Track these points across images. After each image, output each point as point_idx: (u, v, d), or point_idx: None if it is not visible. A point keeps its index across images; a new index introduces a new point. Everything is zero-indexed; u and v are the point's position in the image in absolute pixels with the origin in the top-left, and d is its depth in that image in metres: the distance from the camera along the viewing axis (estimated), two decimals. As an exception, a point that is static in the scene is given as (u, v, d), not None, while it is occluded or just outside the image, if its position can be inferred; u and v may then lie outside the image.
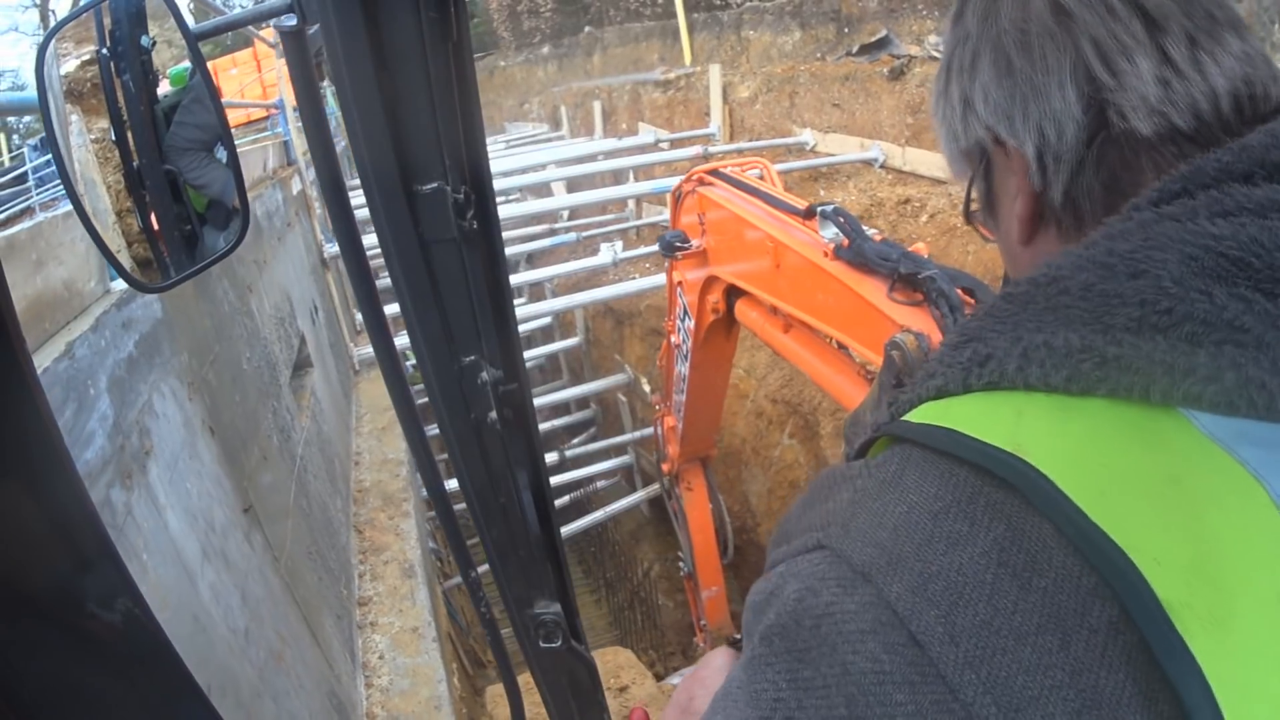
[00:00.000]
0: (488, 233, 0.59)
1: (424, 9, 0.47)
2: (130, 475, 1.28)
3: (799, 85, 6.59)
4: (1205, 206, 0.39)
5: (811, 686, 0.34)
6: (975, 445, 0.36)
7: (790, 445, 5.24)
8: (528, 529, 0.76)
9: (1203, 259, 0.37)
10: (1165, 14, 0.46)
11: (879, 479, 0.38)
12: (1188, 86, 0.45)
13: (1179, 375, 0.34)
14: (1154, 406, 0.35)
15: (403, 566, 3.26)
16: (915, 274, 1.53)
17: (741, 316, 2.49)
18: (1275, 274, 0.36)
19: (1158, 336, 0.35)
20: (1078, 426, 0.35)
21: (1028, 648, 0.30)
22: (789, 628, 0.35)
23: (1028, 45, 0.48)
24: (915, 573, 0.33)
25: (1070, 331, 0.37)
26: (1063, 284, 0.39)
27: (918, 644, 0.32)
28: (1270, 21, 3.82)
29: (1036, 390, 0.37)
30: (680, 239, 2.57)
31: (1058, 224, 0.50)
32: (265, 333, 2.81)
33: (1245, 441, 0.33)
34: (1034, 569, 0.32)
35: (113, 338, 1.40)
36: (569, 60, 11.29)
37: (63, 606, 0.36)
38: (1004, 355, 0.38)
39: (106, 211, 0.47)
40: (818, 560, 0.36)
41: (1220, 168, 0.41)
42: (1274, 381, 0.33)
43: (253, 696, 1.52)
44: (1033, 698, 0.30)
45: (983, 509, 0.34)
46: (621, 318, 7.23)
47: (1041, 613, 0.31)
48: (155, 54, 0.47)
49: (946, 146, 0.57)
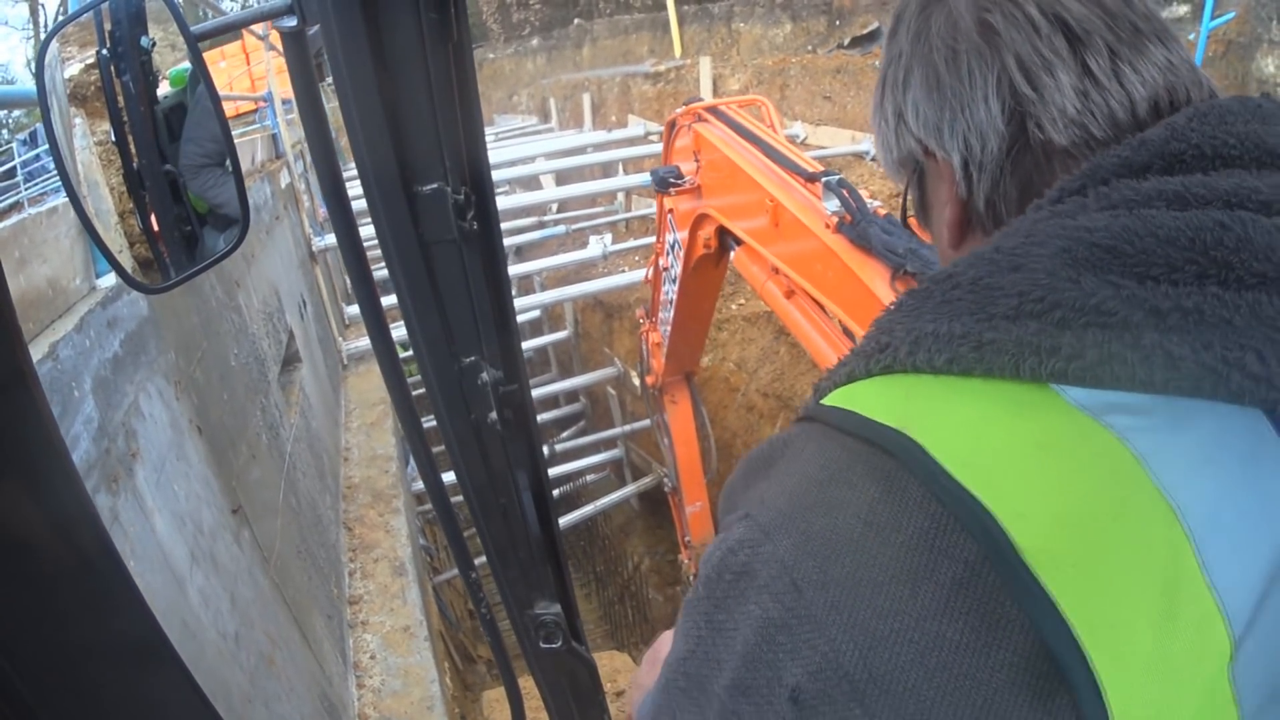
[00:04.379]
0: (488, 233, 0.59)
1: (424, 9, 0.46)
2: (117, 479, 1.26)
3: (790, 78, 6.59)
4: (1094, 201, 0.43)
5: (724, 628, 0.40)
6: (867, 423, 0.40)
7: (780, 439, 5.26)
8: (528, 529, 0.76)
9: (1075, 250, 0.40)
10: (1088, 28, 0.48)
11: (789, 455, 0.44)
12: (1106, 97, 0.47)
13: (1045, 354, 0.38)
14: (1027, 383, 0.38)
15: (393, 564, 3.25)
16: (921, 274, 1.51)
17: (739, 265, 2.41)
18: (1148, 259, 0.39)
19: (1030, 322, 0.39)
20: (957, 403, 0.39)
21: (882, 596, 0.35)
22: (712, 580, 0.42)
23: (956, 61, 0.51)
24: (800, 531, 0.39)
25: (955, 321, 0.41)
26: (956, 279, 0.43)
27: (798, 589, 0.37)
28: (1269, 19, 3.86)
29: (924, 372, 0.41)
30: (674, 175, 2.50)
31: (982, 228, 0.53)
32: (253, 328, 2.78)
33: (1112, 410, 0.37)
34: (896, 527, 0.36)
35: (97, 337, 1.37)
36: (558, 52, 11.23)
37: (62, 606, 0.36)
38: (899, 343, 0.43)
39: (109, 213, 0.46)
40: (741, 524, 0.42)
41: (1119, 163, 0.44)
42: (1134, 355, 0.36)
43: (243, 702, 1.51)
44: (883, 638, 0.34)
45: (863, 472, 0.39)
46: (611, 311, 7.22)
47: (896, 565, 0.35)
48: (156, 54, 0.47)
49: (883, 156, 0.60)
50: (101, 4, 0.46)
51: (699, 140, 2.38)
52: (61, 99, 0.45)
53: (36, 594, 0.35)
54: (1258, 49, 3.96)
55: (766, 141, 2.13)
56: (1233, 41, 4.08)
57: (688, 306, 2.93)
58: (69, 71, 0.45)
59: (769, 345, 5.45)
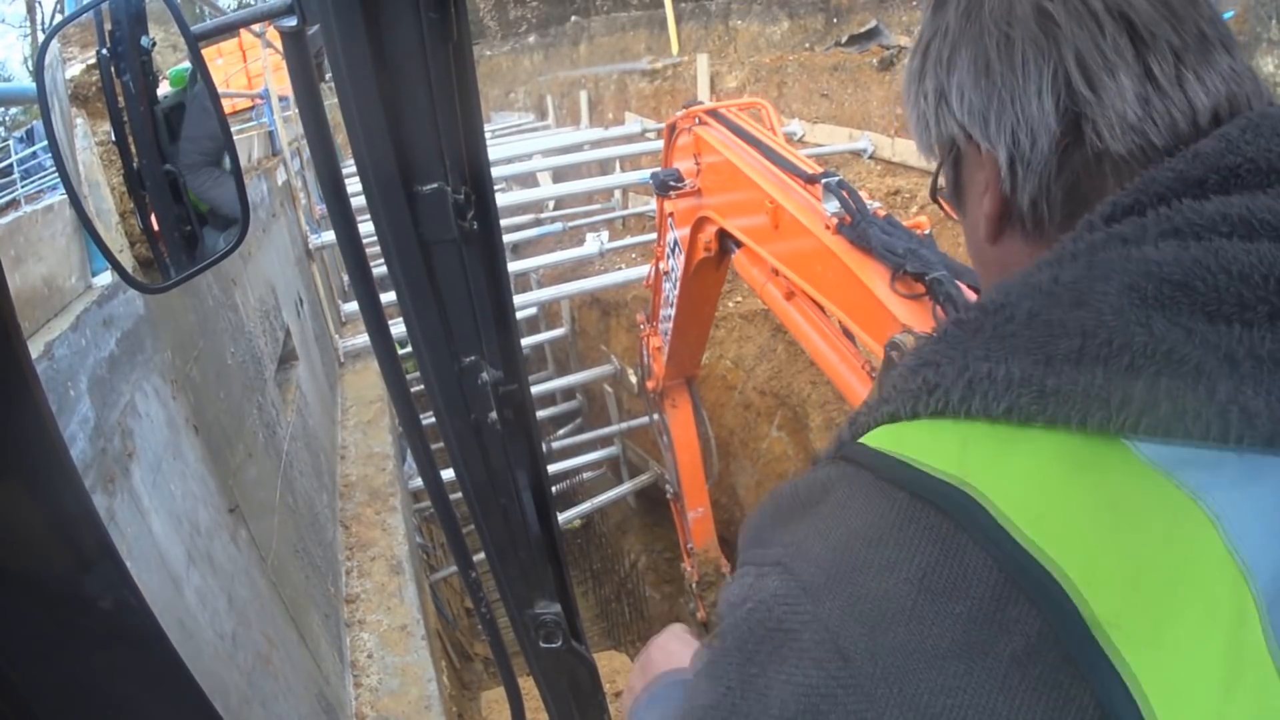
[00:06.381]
0: (488, 233, 0.58)
1: (424, 9, 0.46)
2: (113, 479, 1.26)
3: (787, 75, 6.59)
4: (1154, 225, 0.40)
5: (754, 685, 0.37)
6: (919, 475, 0.37)
7: (779, 437, 5.27)
8: (528, 529, 0.76)
9: (1144, 287, 0.38)
10: (1154, 30, 0.46)
11: (830, 503, 0.41)
12: (1168, 105, 0.45)
13: (1115, 407, 0.35)
14: (1094, 435, 0.36)
15: (390, 562, 3.24)
16: (922, 275, 1.51)
17: (740, 268, 2.43)
18: (1220, 295, 0.37)
19: (1097, 368, 0.36)
20: (1020, 455, 0.37)
21: (937, 671, 0.33)
22: (744, 635, 0.39)
23: (1009, 48, 0.48)
24: (848, 594, 0.36)
25: (1013, 362, 0.38)
26: (1009, 311, 0.40)
27: (844, 658, 0.34)
28: (1268, 17, 3.87)
29: (978, 420, 0.38)
30: (674, 178, 2.51)
31: (1022, 226, 0.51)
32: (250, 326, 2.77)
33: (1184, 466, 0.34)
34: (954, 594, 0.34)
35: (93, 336, 1.37)
36: (555, 50, 11.20)
37: (62, 606, 0.36)
38: (950, 384, 0.39)
39: (110, 212, 0.46)
40: (775, 575, 0.39)
41: (1173, 177, 0.42)
42: (1209, 410, 0.34)
43: (241, 702, 1.51)
44: (937, 716, 0.32)
45: (916, 533, 0.36)
46: (608, 308, 7.22)
47: (953, 639, 0.33)
48: (156, 54, 0.46)
49: (917, 131, 0.57)
50: (101, 4, 0.46)
51: (699, 143, 2.39)
52: (62, 99, 0.45)
53: (36, 594, 0.35)
54: (1257, 48, 3.97)
55: (766, 144, 2.14)
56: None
57: (688, 310, 2.94)
58: (70, 72, 0.45)
59: (766, 343, 5.45)
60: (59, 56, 0.45)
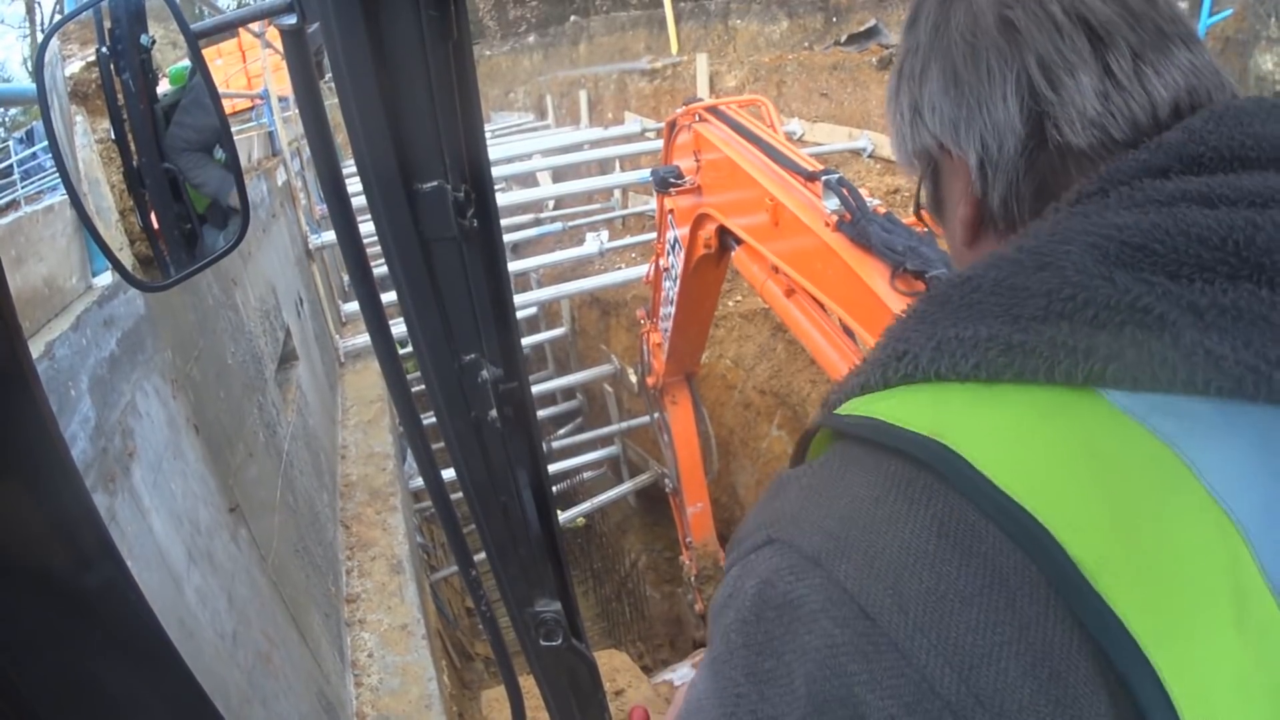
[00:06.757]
0: (488, 231, 0.58)
1: (424, 8, 0.46)
2: (113, 479, 1.26)
3: (787, 75, 6.59)
4: (1116, 201, 0.42)
5: (772, 677, 0.35)
6: (900, 433, 0.37)
7: (779, 436, 5.27)
8: (528, 527, 0.76)
9: (1105, 247, 0.39)
10: (1111, 29, 0.47)
11: (824, 475, 0.40)
12: (1127, 99, 0.46)
13: (1080, 356, 0.36)
14: (1062, 388, 0.36)
15: (390, 562, 3.24)
16: (922, 272, 1.51)
17: (739, 265, 2.43)
18: (1179, 257, 0.37)
19: (1062, 322, 0.37)
20: (992, 410, 0.37)
21: (974, 608, 0.32)
22: (749, 622, 0.37)
23: (975, 58, 0.49)
24: (861, 552, 0.35)
25: (980, 324, 0.39)
26: (975, 281, 0.41)
27: (869, 617, 0.33)
28: (1267, 15, 3.86)
29: (949, 380, 0.39)
30: (674, 174, 2.51)
31: (995, 228, 0.52)
32: (250, 326, 2.77)
33: (1157, 413, 0.35)
34: (974, 537, 0.34)
35: (94, 336, 1.37)
36: (555, 49, 11.20)
37: (63, 605, 0.36)
38: (919, 350, 0.40)
39: (110, 210, 0.46)
40: (769, 554, 0.38)
41: (1138, 165, 0.43)
42: (1175, 355, 0.35)
43: (241, 702, 1.51)
44: (984, 655, 0.31)
45: (920, 491, 0.36)
46: (607, 308, 7.21)
47: (985, 574, 0.33)
48: (156, 52, 0.46)
49: (897, 147, 0.59)
50: (101, 2, 0.46)
51: (699, 140, 2.39)
52: (62, 97, 0.45)
53: (36, 593, 0.35)
54: (1255, 46, 3.96)
55: (766, 141, 2.14)
56: (1230, 38, 4.09)
57: (688, 307, 2.95)
58: (69, 70, 0.45)
59: (766, 342, 5.45)
60: (59, 54, 0.45)
